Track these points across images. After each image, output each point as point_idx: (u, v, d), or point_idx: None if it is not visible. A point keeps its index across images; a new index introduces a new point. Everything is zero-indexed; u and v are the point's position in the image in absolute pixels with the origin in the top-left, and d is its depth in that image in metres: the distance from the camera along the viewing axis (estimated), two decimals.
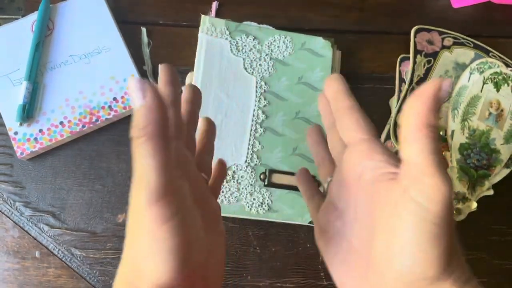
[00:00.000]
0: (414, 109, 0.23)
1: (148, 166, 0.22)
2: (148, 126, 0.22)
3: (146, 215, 0.22)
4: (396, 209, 0.23)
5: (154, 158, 0.22)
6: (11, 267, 0.47)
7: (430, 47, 0.52)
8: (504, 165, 0.47)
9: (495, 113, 0.49)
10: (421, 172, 0.22)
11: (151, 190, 0.22)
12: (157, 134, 0.22)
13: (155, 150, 0.22)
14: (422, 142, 0.22)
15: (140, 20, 0.55)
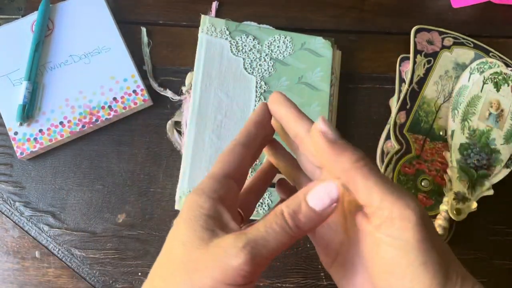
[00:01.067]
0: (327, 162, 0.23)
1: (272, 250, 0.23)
2: (303, 229, 0.23)
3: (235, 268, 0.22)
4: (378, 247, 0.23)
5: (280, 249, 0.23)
6: (11, 267, 0.47)
7: (430, 47, 0.52)
8: (504, 165, 0.47)
9: (495, 113, 0.49)
10: (380, 208, 0.22)
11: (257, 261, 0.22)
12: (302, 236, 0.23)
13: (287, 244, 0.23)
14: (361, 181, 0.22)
15: (140, 20, 0.55)
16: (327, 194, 0.22)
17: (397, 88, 0.52)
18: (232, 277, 0.22)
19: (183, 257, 0.24)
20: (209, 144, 0.48)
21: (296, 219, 0.23)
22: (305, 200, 0.23)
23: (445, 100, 0.51)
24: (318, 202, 0.22)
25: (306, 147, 0.27)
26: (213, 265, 0.23)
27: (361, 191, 0.23)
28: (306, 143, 0.26)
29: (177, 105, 0.52)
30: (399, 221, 0.22)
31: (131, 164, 0.50)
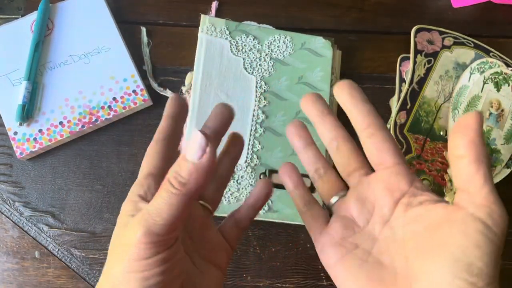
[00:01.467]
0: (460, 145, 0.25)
1: (163, 210, 0.24)
2: (188, 184, 0.23)
3: (132, 237, 0.24)
4: (465, 227, 0.25)
5: (172, 210, 0.24)
6: (10, 267, 0.47)
7: (430, 47, 0.52)
8: (505, 165, 0.47)
9: (496, 113, 0.48)
10: (487, 199, 0.25)
11: (153, 228, 0.24)
12: (192, 193, 0.24)
13: (178, 205, 0.24)
14: (486, 173, 0.25)
15: (140, 20, 0.55)
16: (196, 143, 0.23)
17: (397, 88, 0.52)
18: (136, 253, 0.24)
19: (109, 256, 0.27)
20: None
21: (178, 177, 0.23)
22: (184, 157, 0.24)
23: (446, 100, 0.51)
24: (192, 154, 0.23)
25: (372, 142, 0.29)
26: (122, 249, 0.25)
27: (478, 179, 0.25)
28: (375, 138, 0.29)
29: None
30: (498, 217, 0.25)
31: (131, 164, 0.50)
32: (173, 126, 0.30)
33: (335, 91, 0.30)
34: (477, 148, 0.25)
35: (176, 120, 0.30)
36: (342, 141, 0.31)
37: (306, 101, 0.31)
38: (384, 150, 0.28)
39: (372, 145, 0.29)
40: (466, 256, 0.25)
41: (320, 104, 0.31)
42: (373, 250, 0.28)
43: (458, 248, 0.25)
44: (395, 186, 0.28)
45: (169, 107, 0.30)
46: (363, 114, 0.30)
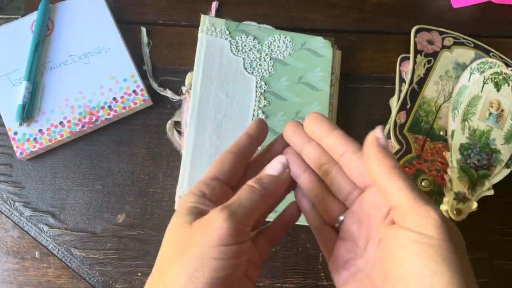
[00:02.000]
0: (371, 162, 0.27)
1: (248, 205, 0.27)
2: (268, 188, 0.28)
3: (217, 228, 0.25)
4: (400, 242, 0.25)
5: (255, 206, 0.27)
6: (10, 267, 0.47)
7: (430, 47, 0.52)
8: (505, 165, 0.47)
9: (496, 113, 0.48)
10: (408, 207, 0.25)
11: (237, 218, 0.26)
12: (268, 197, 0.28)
13: (259, 203, 0.27)
14: (395, 183, 0.26)
15: (140, 20, 0.55)
16: (279, 162, 0.29)
17: (397, 88, 0.52)
18: (217, 237, 0.25)
19: (172, 243, 0.27)
20: (209, 144, 0.48)
21: (260, 182, 0.28)
22: (265, 172, 0.29)
23: (445, 100, 0.51)
24: (274, 169, 0.29)
25: (352, 166, 0.30)
26: (199, 234, 0.25)
27: (393, 192, 0.26)
28: (353, 162, 0.30)
29: (177, 105, 0.52)
30: (423, 218, 0.24)
31: (131, 164, 0.50)
32: (249, 144, 0.32)
33: (305, 126, 0.32)
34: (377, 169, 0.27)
35: (254, 140, 0.33)
36: (330, 166, 0.31)
37: (286, 132, 0.33)
38: (363, 172, 0.29)
39: (352, 170, 0.30)
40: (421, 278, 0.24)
41: (300, 133, 0.32)
42: (372, 272, 0.29)
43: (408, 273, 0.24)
44: (381, 202, 0.28)
45: (253, 129, 0.33)
46: (336, 142, 0.30)
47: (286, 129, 0.33)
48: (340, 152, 0.30)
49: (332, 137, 0.30)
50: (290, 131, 0.33)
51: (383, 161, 0.26)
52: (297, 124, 0.33)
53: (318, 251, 0.48)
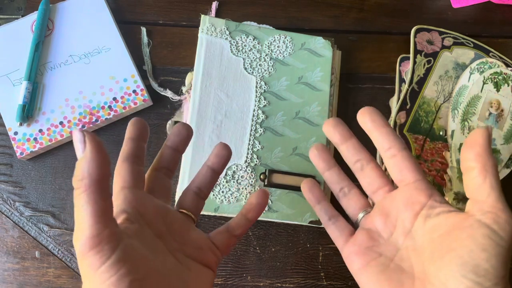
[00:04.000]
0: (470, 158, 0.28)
1: (82, 216, 0.24)
2: (85, 179, 0.24)
3: (83, 264, 0.24)
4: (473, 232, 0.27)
5: (87, 209, 0.24)
6: (10, 267, 0.47)
7: (430, 47, 0.52)
8: (504, 165, 0.47)
9: (495, 113, 0.49)
10: (493, 206, 0.27)
11: (84, 240, 0.24)
12: (93, 186, 0.24)
13: (88, 202, 0.24)
14: (493, 181, 0.28)
15: (140, 20, 0.55)
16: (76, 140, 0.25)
17: (397, 88, 0.52)
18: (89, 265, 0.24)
19: None
20: (209, 144, 0.48)
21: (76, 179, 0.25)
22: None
23: (445, 100, 0.51)
24: (78, 152, 0.25)
25: (394, 162, 0.32)
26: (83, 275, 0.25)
27: (485, 188, 0.28)
28: (397, 158, 0.32)
29: (177, 105, 0.52)
30: (504, 222, 0.27)
31: None
32: (134, 147, 0.32)
33: (359, 117, 0.34)
34: (484, 160, 0.28)
35: (137, 141, 0.33)
36: (366, 162, 0.34)
37: (327, 126, 0.35)
38: (405, 168, 0.32)
39: (394, 165, 0.32)
40: (473, 259, 0.26)
41: (342, 129, 0.35)
42: (396, 258, 0.31)
43: (466, 252, 0.27)
44: (415, 200, 0.31)
45: (130, 131, 0.33)
46: (384, 137, 0.33)
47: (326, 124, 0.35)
48: (386, 147, 0.32)
49: (383, 132, 0.33)
50: (331, 127, 0.35)
51: (485, 157, 0.28)
52: (337, 121, 0.35)
53: (318, 251, 0.48)
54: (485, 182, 0.28)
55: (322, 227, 0.48)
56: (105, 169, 0.26)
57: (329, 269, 0.47)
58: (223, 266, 0.47)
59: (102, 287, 0.24)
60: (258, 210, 0.35)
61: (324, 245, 0.48)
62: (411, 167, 0.32)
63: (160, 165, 0.35)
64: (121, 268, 0.24)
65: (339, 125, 0.35)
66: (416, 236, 0.31)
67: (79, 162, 0.24)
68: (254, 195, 0.36)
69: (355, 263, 0.33)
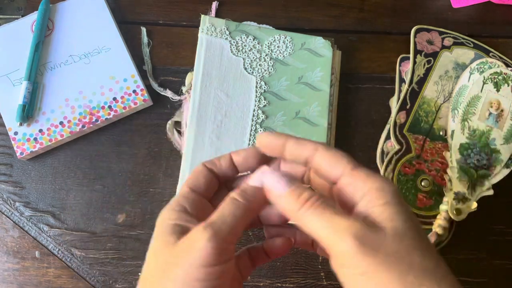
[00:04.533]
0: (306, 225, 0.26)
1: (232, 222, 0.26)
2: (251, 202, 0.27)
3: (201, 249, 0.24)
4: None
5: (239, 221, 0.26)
6: (11, 267, 0.47)
7: (430, 47, 0.52)
8: (504, 165, 0.47)
9: (495, 113, 0.49)
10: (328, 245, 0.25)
11: (221, 236, 0.25)
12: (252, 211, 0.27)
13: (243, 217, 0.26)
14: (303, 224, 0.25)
15: (140, 20, 0.55)
16: (263, 173, 0.27)
17: (397, 88, 0.52)
18: (201, 258, 0.24)
19: (156, 264, 0.26)
20: (209, 144, 0.48)
21: (244, 194, 0.27)
22: (248, 183, 0.28)
23: (445, 100, 0.51)
24: (257, 181, 0.27)
25: (315, 168, 0.29)
26: (182, 255, 0.24)
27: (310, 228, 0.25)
28: (315, 162, 0.28)
29: (177, 105, 0.52)
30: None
31: (131, 164, 0.50)
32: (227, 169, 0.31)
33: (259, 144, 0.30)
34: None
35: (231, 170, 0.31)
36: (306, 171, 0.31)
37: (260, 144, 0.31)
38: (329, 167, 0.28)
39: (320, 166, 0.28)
40: None
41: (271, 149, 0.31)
42: None
43: None
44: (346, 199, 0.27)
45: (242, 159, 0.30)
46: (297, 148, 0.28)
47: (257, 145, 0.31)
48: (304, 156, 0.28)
49: (289, 146, 0.28)
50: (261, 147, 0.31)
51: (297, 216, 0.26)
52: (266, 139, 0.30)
53: None
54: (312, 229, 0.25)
55: None
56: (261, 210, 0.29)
57: (329, 269, 0.47)
58: None
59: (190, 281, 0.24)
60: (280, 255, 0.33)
61: None
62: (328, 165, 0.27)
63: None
64: (215, 280, 0.24)
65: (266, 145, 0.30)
66: None
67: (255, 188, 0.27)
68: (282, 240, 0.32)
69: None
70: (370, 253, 0.23)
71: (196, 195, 0.29)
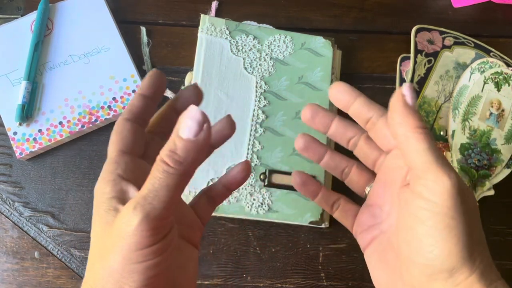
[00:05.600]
0: (395, 120, 0.26)
1: (166, 197, 0.22)
2: (186, 163, 0.22)
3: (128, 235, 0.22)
4: (408, 207, 0.25)
5: (174, 193, 0.22)
6: (10, 267, 0.47)
7: (430, 46, 0.52)
8: (505, 165, 0.47)
9: (496, 113, 0.48)
10: (422, 170, 0.24)
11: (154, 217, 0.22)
12: (189, 173, 0.23)
13: (178, 186, 0.22)
14: (415, 144, 0.24)
15: (140, 20, 0.55)
16: (193, 119, 0.21)
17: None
18: (136, 243, 0.22)
19: (97, 247, 0.25)
20: None
21: (175, 156, 0.22)
22: (178, 135, 0.22)
23: (446, 100, 0.51)
24: (189, 131, 0.21)
25: (377, 130, 0.29)
26: (117, 240, 0.23)
27: (411, 153, 0.25)
28: (378, 125, 0.29)
29: None
30: (433, 184, 0.24)
31: None
32: (144, 105, 0.29)
33: (331, 95, 0.31)
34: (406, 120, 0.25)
35: (149, 99, 0.29)
36: (357, 138, 0.31)
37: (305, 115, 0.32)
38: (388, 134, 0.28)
39: (378, 133, 0.29)
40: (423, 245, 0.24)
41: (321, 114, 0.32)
42: (391, 235, 0.29)
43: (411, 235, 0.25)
44: (402, 164, 0.28)
45: (145, 87, 0.29)
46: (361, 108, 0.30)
47: (304, 113, 0.31)
48: (367, 117, 0.29)
49: (358, 104, 0.30)
50: (308, 115, 0.31)
51: (407, 119, 0.25)
52: (315, 107, 0.32)
53: (318, 251, 0.48)
54: (408, 145, 0.25)
55: (322, 227, 0.48)
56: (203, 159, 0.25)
57: (330, 269, 0.47)
58: (223, 266, 0.47)
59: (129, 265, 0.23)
60: (242, 182, 0.32)
61: (325, 245, 0.48)
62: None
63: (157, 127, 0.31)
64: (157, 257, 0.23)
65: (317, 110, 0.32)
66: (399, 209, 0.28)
67: (185, 142, 0.22)
68: (239, 167, 0.32)
69: (360, 243, 0.31)
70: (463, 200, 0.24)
71: (128, 157, 0.27)
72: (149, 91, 0.29)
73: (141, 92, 0.29)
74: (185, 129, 0.21)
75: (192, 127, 0.21)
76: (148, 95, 0.29)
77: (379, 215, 0.30)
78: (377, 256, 0.29)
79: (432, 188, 0.24)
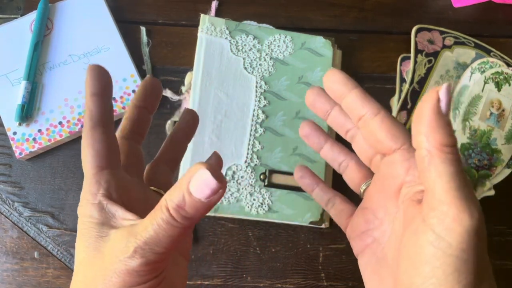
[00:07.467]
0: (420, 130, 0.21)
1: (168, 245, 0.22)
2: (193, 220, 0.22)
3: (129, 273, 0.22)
4: (416, 238, 0.22)
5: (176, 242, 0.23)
6: (10, 267, 0.47)
7: (431, 46, 0.52)
8: (505, 165, 0.47)
9: (496, 113, 0.48)
10: (440, 201, 0.21)
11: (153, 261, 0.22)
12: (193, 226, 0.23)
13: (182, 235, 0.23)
14: (439, 166, 0.21)
15: (140, 20, 0.55)
16: (206, 185, 0.20)
17: (398, 88, 0.52)
18: (131, 281, 0.22)
19: (83, 275, 0.24)
20: (209, 144, 0.48)
21: (182, 211, 0.21)
22: (188, 191, 0.20)
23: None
24: (201, 193, 0.20)
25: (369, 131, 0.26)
26: (110, 273, 0.22)
27: (431, 174, 0.21)
28: (372, 128, 0.26)
29: (176, 105, 0.52)
30: (451, 221, 0.20)
31: None
32: (103, 107, 0.27)
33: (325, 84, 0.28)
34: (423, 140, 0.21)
35: (104, 98, 0.27)
36: (355, 130, 0.29)
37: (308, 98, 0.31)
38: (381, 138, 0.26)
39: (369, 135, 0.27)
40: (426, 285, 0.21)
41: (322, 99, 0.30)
42: (386, 244, 0.27)
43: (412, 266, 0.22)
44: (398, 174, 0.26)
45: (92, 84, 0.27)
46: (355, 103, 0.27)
47: (307, 96, 0.30)
48: (359, 114, 0.26)
49: (352, 97, 0.26)
50: (310, 98, 0.30)
51: (435, 133, 0.21)
52: (318, 90, 0.30)
53: (318, 251, 0.48)
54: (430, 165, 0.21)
55: (322, 227, 0.48)
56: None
57: (330, 269, 0.47)
58: (223, 266, 0.47)
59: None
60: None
61: (325, 245, 0.48)
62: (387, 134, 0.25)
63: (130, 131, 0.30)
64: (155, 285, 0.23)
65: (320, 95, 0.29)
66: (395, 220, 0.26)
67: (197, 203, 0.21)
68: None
69: (353, 249, 0.29)
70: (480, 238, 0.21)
71: (108, 172, 0.25)
72: (100, 88, 0.28)
73: (93, 92, 0.28)
74: (199, 189, 0.20)
75: (205, 192, 0.20)
76: (100, 92, 0.28)
77: (372, 221, 0.28)
78: (371, 269, 0.27)
79: (449, 226, 0.20)
